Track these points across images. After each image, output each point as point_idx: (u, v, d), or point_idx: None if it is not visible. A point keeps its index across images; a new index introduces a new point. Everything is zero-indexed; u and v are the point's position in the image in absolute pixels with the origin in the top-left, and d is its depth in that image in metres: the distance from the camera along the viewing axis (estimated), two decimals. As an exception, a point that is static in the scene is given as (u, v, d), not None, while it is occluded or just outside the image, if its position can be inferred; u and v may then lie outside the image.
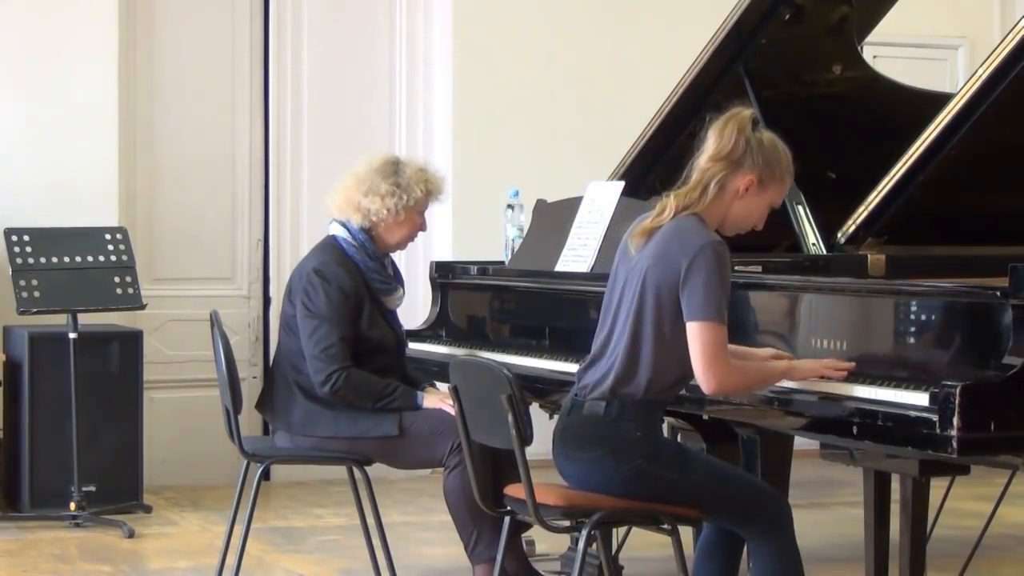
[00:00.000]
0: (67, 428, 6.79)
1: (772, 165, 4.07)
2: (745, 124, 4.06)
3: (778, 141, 4.12)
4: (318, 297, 5.15)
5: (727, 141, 4.04)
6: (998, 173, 4.94)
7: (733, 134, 4.04)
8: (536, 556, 5.71)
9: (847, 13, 5.52)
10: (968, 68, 8.81)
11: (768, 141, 4.09)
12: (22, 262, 6.89)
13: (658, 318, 3.97)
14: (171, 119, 7.91)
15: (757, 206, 4.09)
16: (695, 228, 3.99)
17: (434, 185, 5.35)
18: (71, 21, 7.50)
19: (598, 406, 4.04)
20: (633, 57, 8.32)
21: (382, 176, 5.27)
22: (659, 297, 3.96)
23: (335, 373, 5.08)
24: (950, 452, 3.62)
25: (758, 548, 4.08)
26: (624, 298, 4.06)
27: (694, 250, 3.92)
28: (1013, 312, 3.70)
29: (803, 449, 4.74)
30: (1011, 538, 6.46)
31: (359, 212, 5.26)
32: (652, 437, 4.05)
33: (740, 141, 4.03)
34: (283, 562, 6.11)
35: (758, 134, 4.08)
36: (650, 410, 4.04)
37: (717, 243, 3.95)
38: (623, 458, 4.00)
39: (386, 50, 8.33)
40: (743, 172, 4.04)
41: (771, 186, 4.08)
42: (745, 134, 4.04)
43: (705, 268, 3.90)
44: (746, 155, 4.03)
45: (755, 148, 4.05)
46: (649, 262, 4.00)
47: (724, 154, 4.03)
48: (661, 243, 4.00)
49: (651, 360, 3.99)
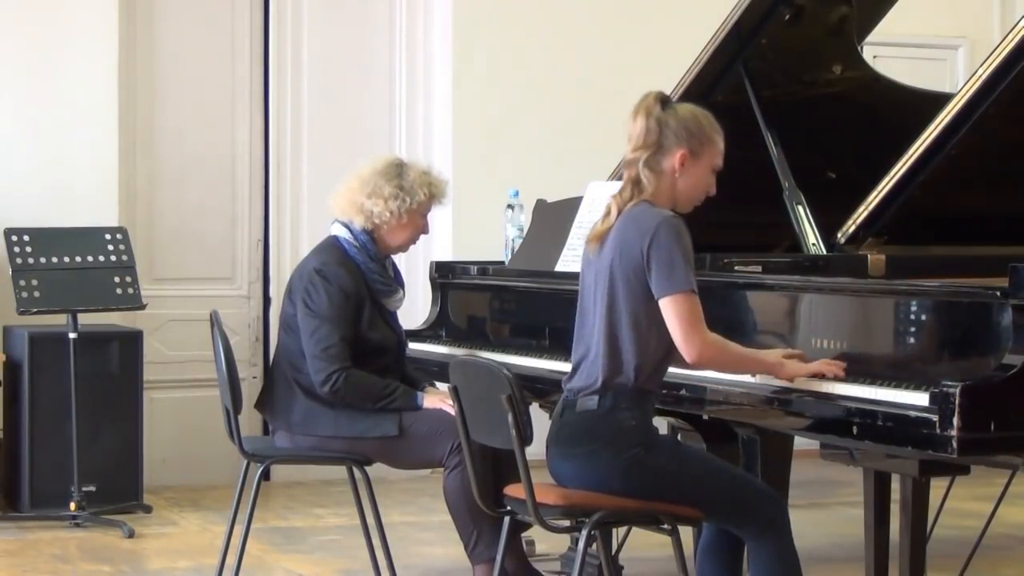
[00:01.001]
0: (67, 428, 6.79)
1: (695, 133, 4.12)
2: (651, 107, 4.12)
3: (693, 108, 4.18)
4: (319, 297, 5.15)
5: (640, 129, 4.11)
6: (998, 173, 4.94)
7: (642, 120, 4.11)
8: (536, 556, 5.71)
9: (847, 13, 5.51)
10: (968, 68, 8.81)
11: (682, 111, 4.14)
12: (22, 262, 6.89)
13: (631, 303, 4.02)
14: (171, 119, 7.91)
15: (700, 175, 4.15)
16: (647, 211, 4.06)
17: (437, 188, 5.35)
18: (71, 21, 7.50)
19: (591, 401, 4.05)
20: (633, 57, 8.32)
21: (386, 178, 5.27)
22: (628, 282, 4.02)
23: (335, 373, 5.08)
24: (950, 452, 3.62)
25: (756, 549, 4.09)
26: (596, 298, 4.11)
27: (651, 230, 3.99)
28: (1013, 312, 3.70)
29: (803, 449, 4.74)
30: (1011, 538, 6.46)
31: (362, 214, 5.27)
32: (647, 426, 4.07)
33: (651, 124, 4.10)
34: (283, 562, 6.11)
35: (669, 110, 4.12)
36: (642, 398, 4.06)
37: (671, 218, 4.02)
38: (620, 448, 4.01)
39: (386, 50, 8.33)
40: (670, 151, 4.10)
41: (704, 152, 4.14)
42: (654, 115, 4.10)
43: (665, 244, 3.97)
44: (664, 135, 4.09)
45: (671, 125, 4.10)
46: (612, 255, 4.06)
47: (641, 142, 4.10)
48: (619, 235, 4.06)
49: (633, 346, 4.02)
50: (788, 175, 5.28)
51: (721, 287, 4.61)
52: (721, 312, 4.59)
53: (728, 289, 4.60)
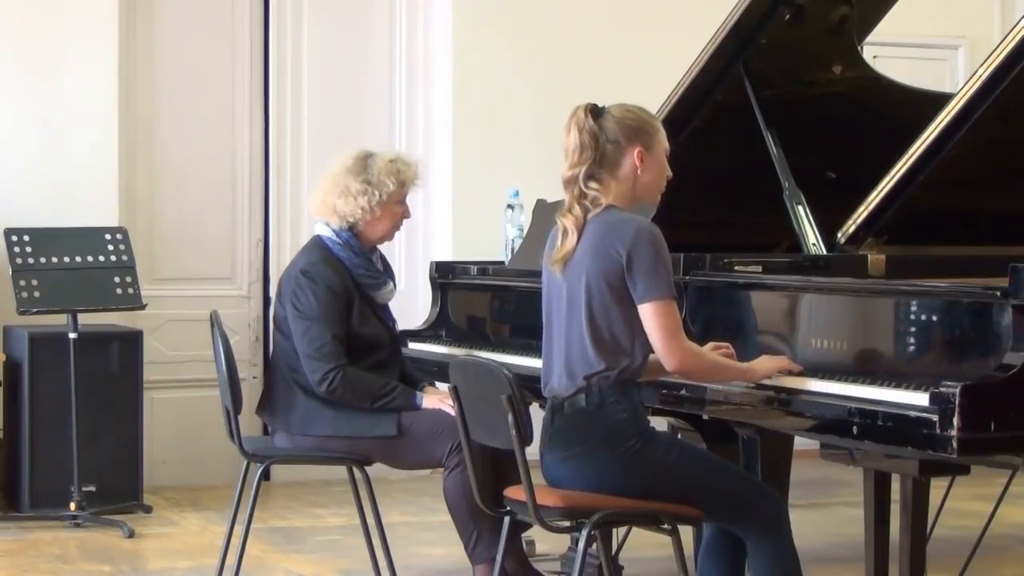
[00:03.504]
0: (67, 428, 6.79)
1: (640, 127, 4.11)
2: (582, 120, 4.09)
3: (623, 104, 4.15)
4: (307, 298, 5.16)
5: (574, 144, 4.09)
6: (998, 173, 4.94)
7: (575, 135, 4.09)
8: (536, 556, 5.71)
9: (847, 13, 5.51)
10: (968, 68, 8.81)
11: (616, 112, 4.11)
12: (22, 262, 6.89)
13: (610, 305, 4.01)
14: (171, 119, 7.91)
15: (658, 163, 4.15)
16: (620, 217, 4.05)
17: (406, 174, 5.32)
18: (71, 21, 7.51)
19: (579, 400, 4.06)
20: (633, 57, 8.32)
21: (353, 175, 5.27)
22: (609, 282, 4.01)
23: (331, 372, 5.08)
24: (950, 452, 3.62)
25: (756, 549, 4.09)
26: (571, 304, 4.08)
27: (630, 237, 3.98)
28: (1013, 312, 3.70)
29: (803, 449, 4.74)
30: (1011, 538, 6.46)
31: (336, 214, 5.27)
32: (639, 417, 4.07)
33: (585, 139, 4.07)
34: (283, 562, 6.11)
35: (601, 119, 4.10)
36: (628, 388, 4.06)
37: (650, 224, 4.03)
38: (616, 441, 4.02)
39: (386, 50, 8.33)
40: (621, 153, 4.08)
41: (654, 142, 4.13)
42: (587, 129, 4.08)
43: (647, 252, 3.98)
44: (603, 143, 4.07)
45: (609, 130, 4.08)
46: (586, 263, 4.04)
47: (578, 158, 4.08)
48: (593, 243, 4.04)
49: (612, 343, 4.03)
50: (788, 175, 5.28)
51: (721, 287, 4.61)
52: (721, 312, 4.59)
53: (728, 289, 4.60)
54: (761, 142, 5.35)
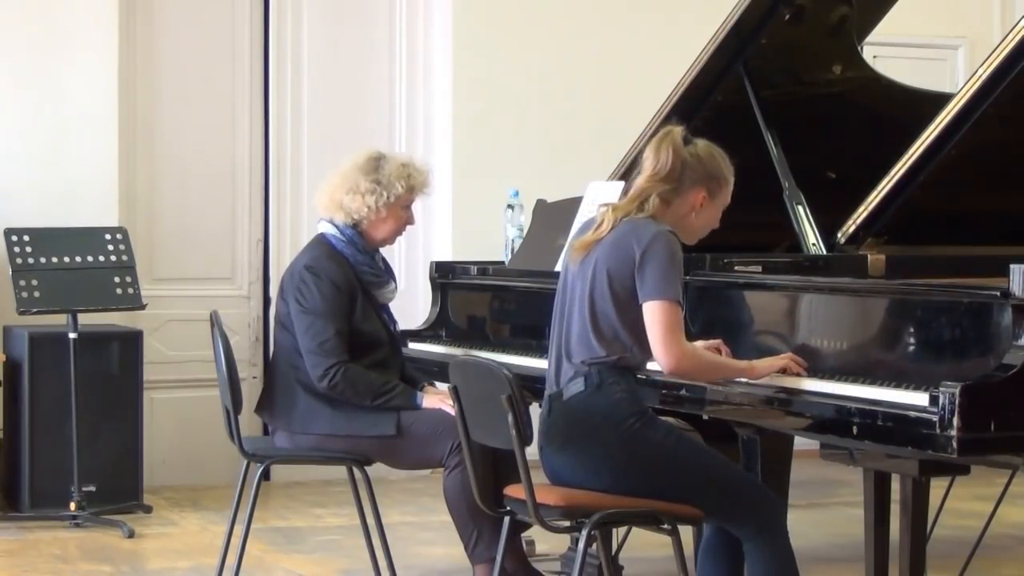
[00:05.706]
0: (67, 428, 6.79)
1: (715, 175, 4.21)
2: (679, 143, 4.18)
3: (712, 148, 4.25)
4: (311, 293, 5.16)
5: (664, 162, 4.16)
6: (998, 173, 4.94)
7: (669, 155, 4.16)
8: (536, 556, 5.71)
9: (847, 13, 5.51)
10: (968, 68, 8.81)
11: (703, 152, 4.21)
12: (22, 262, 6.89)
13: (614, 298, 4.08)
14: (171, 119, 7.91)
15: (714, 214, 4.27)
16: (648, 223, 4.13)
17: (416, 180, 5.34)
18: (71, 21, 7.50)
19: (576, 384, 4.10)
20: (633, 57, 8.32)
21: (363, 173, 5.27)
22: (619, 279, 4.07)
23: (333, 367, 5.08)
24: (950, 452, 3.62)
25: (752, 549, 4.10)
26: (581, 291, 4.15)
27: (648, 238, 4.06)
28: (1013, 312, 3.70)
29: (803, 449, 4.74)
30: (1011, 538, 6.46)
31: (342, 210, 5.28)
32: (637, 400, 4.12)
33: (676, 162, 4.16)
34: (283, 562, 6.11)
35: (692, 148, 4.19)
36: (625, 373, 4.12)
37: (670, 232, 4.10)
38: (617, 419, 4.05)
39: (386, 50, 8.33)
40: (690, 189, 4.18)
41: (720, 193, 4.24)
42: (681, 154, 4.17)
43: (660, 254, 4.04)
44: (685, 173, 4.17)
45: (693, 164, 4.18)
46: (601, 253, 4.11)
47: (663, 175, 4.16)
48: (615, 240, 4.11)
49: (613, 335, 4.08)
50: (788, 175, 5.28)
51: (721, 287, 4.61)
52: (721, 312, 4.59)
53: (728, 289, 4.60)
54: (761, 142, 5.35)
